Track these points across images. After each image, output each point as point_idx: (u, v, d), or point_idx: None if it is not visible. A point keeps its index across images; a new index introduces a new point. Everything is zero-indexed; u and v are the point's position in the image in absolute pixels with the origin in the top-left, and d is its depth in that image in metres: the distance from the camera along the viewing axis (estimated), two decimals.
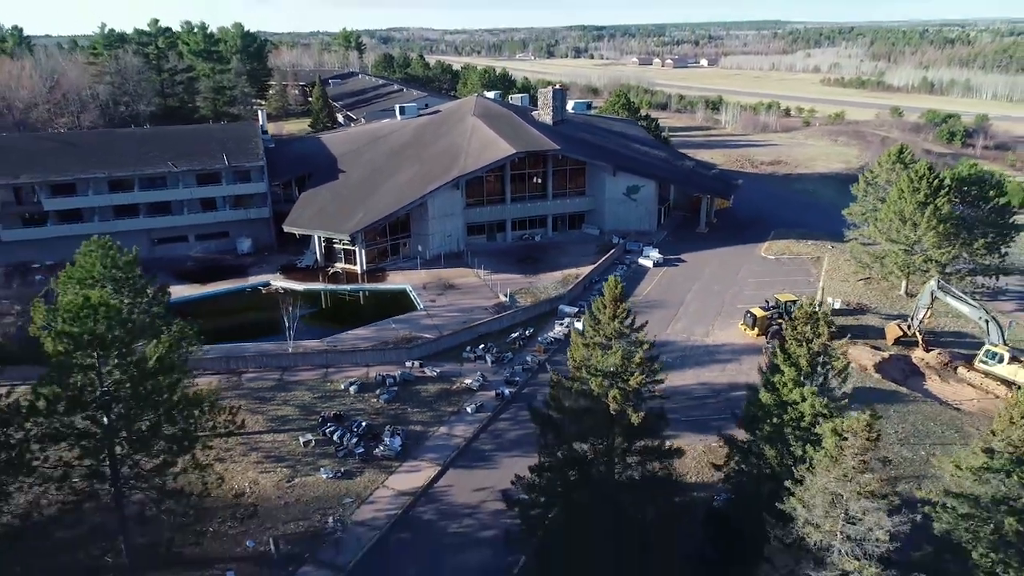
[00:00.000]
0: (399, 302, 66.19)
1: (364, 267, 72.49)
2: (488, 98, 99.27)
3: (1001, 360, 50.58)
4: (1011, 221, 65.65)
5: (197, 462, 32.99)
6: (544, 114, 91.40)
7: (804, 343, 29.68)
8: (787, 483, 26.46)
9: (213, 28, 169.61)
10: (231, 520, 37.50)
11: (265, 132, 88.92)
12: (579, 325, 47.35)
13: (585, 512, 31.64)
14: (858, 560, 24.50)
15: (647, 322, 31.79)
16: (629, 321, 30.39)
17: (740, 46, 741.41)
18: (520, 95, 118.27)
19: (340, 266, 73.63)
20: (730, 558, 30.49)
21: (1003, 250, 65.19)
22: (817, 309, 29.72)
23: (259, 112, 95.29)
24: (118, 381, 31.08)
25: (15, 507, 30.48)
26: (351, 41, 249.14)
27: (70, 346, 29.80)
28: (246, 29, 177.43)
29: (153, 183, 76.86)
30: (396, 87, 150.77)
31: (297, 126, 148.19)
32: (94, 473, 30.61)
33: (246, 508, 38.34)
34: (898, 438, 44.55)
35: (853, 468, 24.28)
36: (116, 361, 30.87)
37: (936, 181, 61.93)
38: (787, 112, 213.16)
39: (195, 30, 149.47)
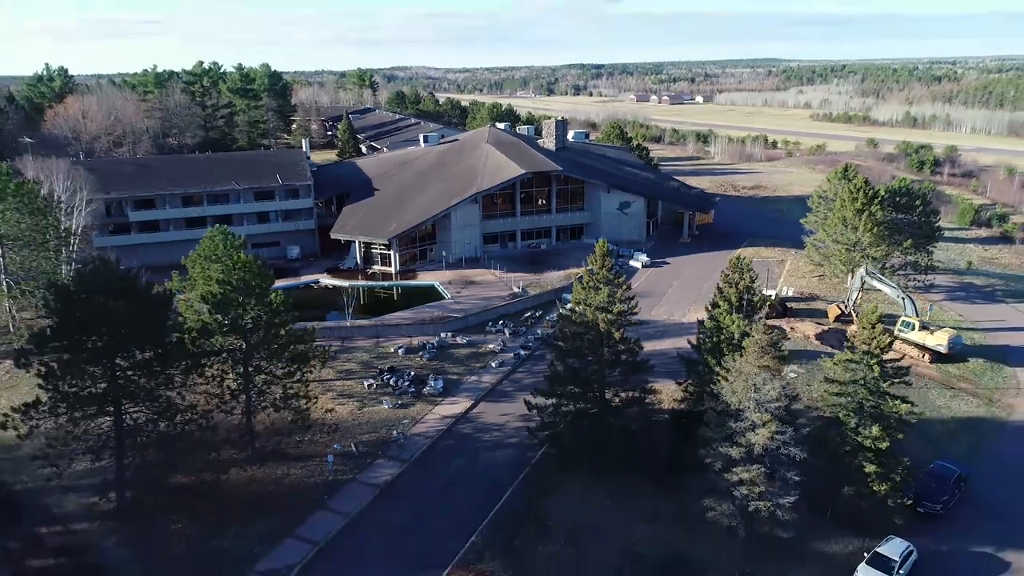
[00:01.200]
0: (429, 295, 79.56)
1: (398, 268, 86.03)
2: (500, 128, 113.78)
3: (913, 328, 63.78)
4: (936, 226, 79.29)
5: (305, 380, 46.31)
6: (548, 142, 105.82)
7: (734, 285, 43.12)
8: (717, 368, 39.64)
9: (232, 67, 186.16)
10: (320, 432, 50.58)
11: (308, 158, 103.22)
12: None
13: (584, 410, 44.71)
14: (760, 414, 37.52)
15: (630, 286, 45.05)
16: (614, 272, 43.87)
17: (735, 83, 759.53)
18: (526, 126, 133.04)
19: (377, 268, 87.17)
20: (686, 435, 43.17)
21: (930, 249, 78.69)
22: (741, 262, 43.20)
23: (303, 141, 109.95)
24: (256, 316, 44.49)
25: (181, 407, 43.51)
26: (365, 80, 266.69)
27: (228, 289, 43.27)
28: (272, 69, 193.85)
29: (218, 199, 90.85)
30: (412, 121, 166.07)
31: (320, 156, 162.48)
32: (241, 375, 43.88)
33: (330, 425, 51.41)
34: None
35: (755, 353, 37.51)
36: (254, 302, 44.33)
37: (871, 192, 75.63)
38: (773, 144, 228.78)
39: (231, 70, 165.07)
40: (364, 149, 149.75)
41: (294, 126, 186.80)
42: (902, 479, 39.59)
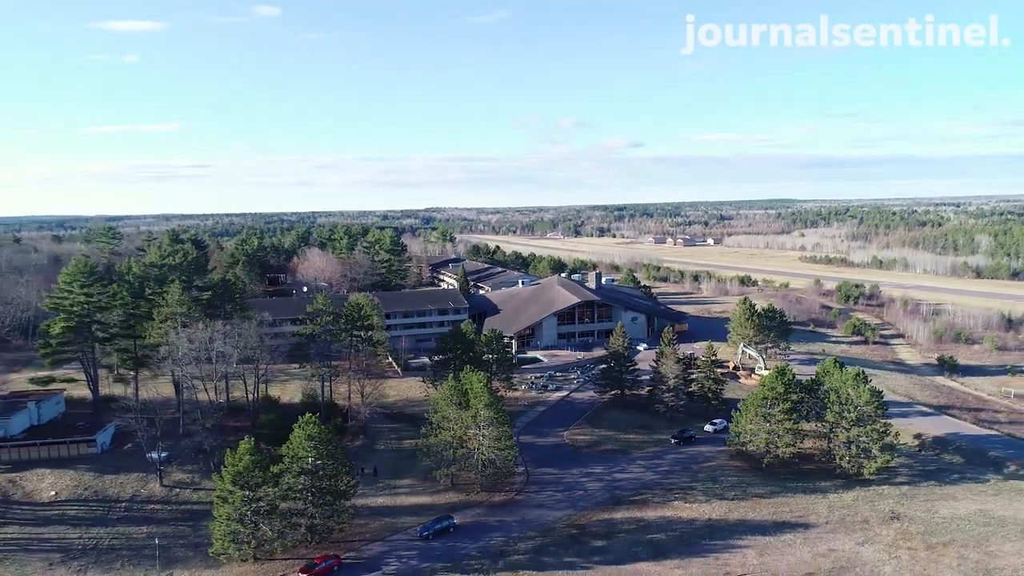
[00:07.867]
0: (534, 360, 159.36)
1: (516, 349, 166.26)
2: (563, 277, 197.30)
3: (764, 369, 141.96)
4: (787, 328, 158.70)
5: (511, 373, 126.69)
6: (590, 283, 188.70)
7: (669, 338, 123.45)
8: (658, 363, 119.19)
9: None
10: (512, 399, 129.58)
11: (461, 292, 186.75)
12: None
13: (614, 389, 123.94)
14: (672, 374, 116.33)
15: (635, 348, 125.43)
16: (625, 337, 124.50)
17: (746, 225, 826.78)
18: (576, 275, 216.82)
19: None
20: (652, 394, 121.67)
21: (787, 339, 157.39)
22: (671, 329, 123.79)
23: (454, 282, 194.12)
24: (498, 347, 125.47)
25: None
26: (446, 236, 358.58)
27: (490, 337, 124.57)
28: (395, 234, 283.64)
29: (419, 313, 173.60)
30: (498, 269, 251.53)
31: None
32: (493, 370, 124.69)
33: (514, 397, 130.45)
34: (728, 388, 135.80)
35: (669, 356, 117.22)
36: (498, 342, 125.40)
37: (753, 309, 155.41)
38: (754, 283, 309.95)
39: (382, 236, 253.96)
40: (471, 289, 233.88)
41: (407, 271, 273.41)
42: (721, 400, 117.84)
